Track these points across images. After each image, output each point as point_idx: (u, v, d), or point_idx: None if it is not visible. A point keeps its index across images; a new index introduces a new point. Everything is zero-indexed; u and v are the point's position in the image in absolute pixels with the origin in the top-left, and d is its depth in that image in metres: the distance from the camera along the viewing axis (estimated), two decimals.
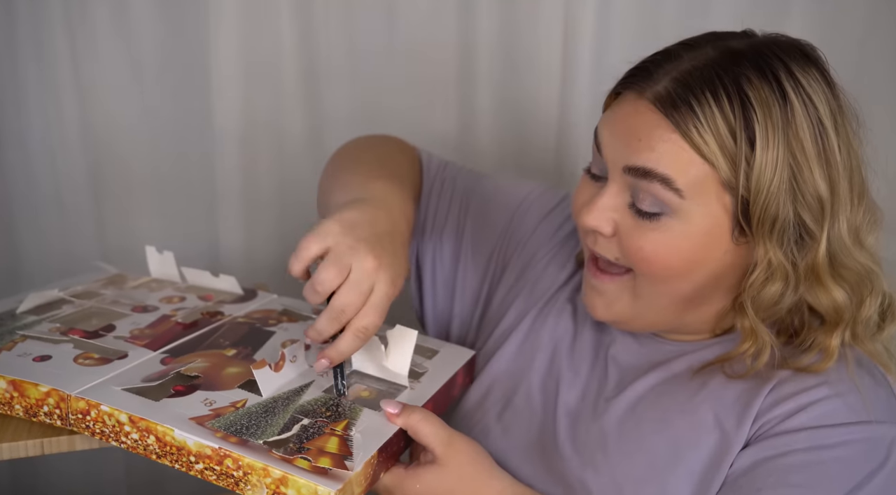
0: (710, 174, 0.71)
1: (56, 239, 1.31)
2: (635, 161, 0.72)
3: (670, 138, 0.71)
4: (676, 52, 0.75)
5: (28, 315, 0.88)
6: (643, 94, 0.73)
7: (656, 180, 0.71)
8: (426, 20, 1.29)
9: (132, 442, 0.69)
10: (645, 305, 0.78)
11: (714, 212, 0.72)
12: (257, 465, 0.64)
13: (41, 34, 1.21)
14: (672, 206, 0.72)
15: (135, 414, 0.68)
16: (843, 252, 0.73)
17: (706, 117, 0.70)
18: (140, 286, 1.00)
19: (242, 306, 0.95)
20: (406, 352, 0.79)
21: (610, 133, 0.75)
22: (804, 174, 0.70)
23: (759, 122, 0.69)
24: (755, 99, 0.70)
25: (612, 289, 0.79)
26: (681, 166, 0.71)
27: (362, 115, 1.32)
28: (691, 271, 0.74)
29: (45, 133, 1.25)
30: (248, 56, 1.25)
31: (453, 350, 0.91)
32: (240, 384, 0.75)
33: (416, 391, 0.79)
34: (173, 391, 0.73)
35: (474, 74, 1.32)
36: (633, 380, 0.81)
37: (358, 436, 0.69)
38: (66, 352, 0.78)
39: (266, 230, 1.34)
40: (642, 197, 0.73)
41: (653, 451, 0.76)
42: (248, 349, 0.83)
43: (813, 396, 0.73)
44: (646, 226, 0.73)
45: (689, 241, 0.73)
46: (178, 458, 0.67)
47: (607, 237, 0.77)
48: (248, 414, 0.70)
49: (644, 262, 0.75)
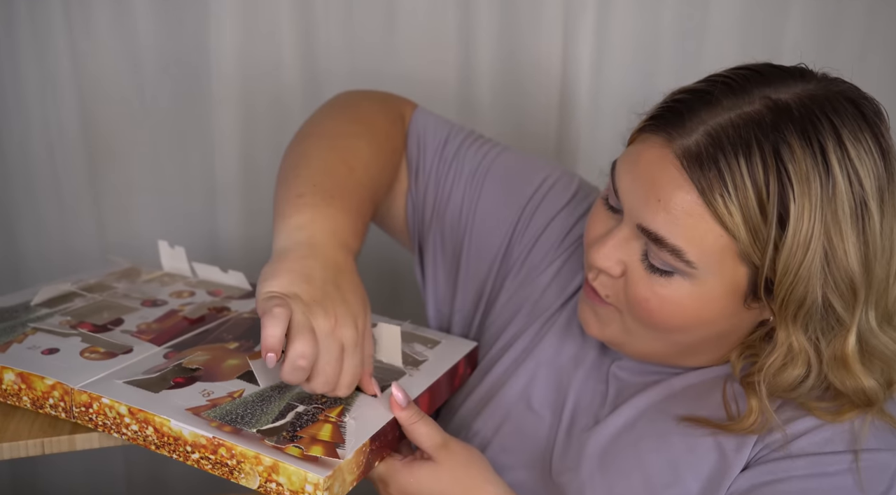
0: (729, 245, 0.66)
1: (56, 235, 1.33)
2: (650, 223, 0.69)
3: (691, 204, 0.66)
4: (717, 96, 0.67)
5: (41, 307, 0.90)
6: (671, 143, 0.67)
7: (666, 250, 0.68)
8: (426, 20, 1.30)
9: (132, 433, 0.70)
10: (637, 342, 0.77)
11: (729, 282, 0.68)
12: (249, 454, 0.65)
13: (41, 33, 1.23)
14: (684, 271, 0.69)
15: (134, 405, 0.69)
16: (872, 335, 0.68)
17: (735, 187, 0.64)
18: (153, 280, 1.02)
19: (250, 302, 0.96)
20: (395, 347, 0.80)
21: (630, 179, 0.71)
22: (838, 257, 0.65)
23: (796, 200, 0.63)
24: (794, 173, 0.63)
25: (604, 313, 0.78)
26: (697, 237, 0.66)
27: None
28: (693, 328, 0.72)
29: (45, 130, 1.28)
30: (248, 55, 1.27)
31: (455, 341, 0.91)
32: (239, 375, 0.76)
33: (414, 378, 0.80)
34: (173, 383, 0.74)
35: (474, 74, 1.32)
36: (631, 396, 0.80)
37: (352, 423, 0.70)
38: (74, 345, 0.80)
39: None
40: (654, 255, 0.70)
41: (650, 470, 0.75)
42: (251, 342, 0.84)
43: (813, 422, 0.71)
44: (655, 281, 0.70)
45: (697, 303, 0.70)
46: (176, 448, 0.68)
47: (614, 278, 0.75)
48: (244, 404, 0.71)
49: (645, 313, 0.72)
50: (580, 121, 1.33)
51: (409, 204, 0.95)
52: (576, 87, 1.31)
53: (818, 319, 0.67)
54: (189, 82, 1.28)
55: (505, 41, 1.31)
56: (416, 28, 1.29)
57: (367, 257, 1.38)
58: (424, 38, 1.30)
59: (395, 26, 1.30)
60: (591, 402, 0.83)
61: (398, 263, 1.40)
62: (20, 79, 1.24)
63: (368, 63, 1.31)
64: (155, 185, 1.34)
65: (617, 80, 1.32)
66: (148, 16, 1.24)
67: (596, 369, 0.85)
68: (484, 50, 1.31)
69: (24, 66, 1.24)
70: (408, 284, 1.40)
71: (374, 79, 1.30)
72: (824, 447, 0.70)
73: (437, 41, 1.30)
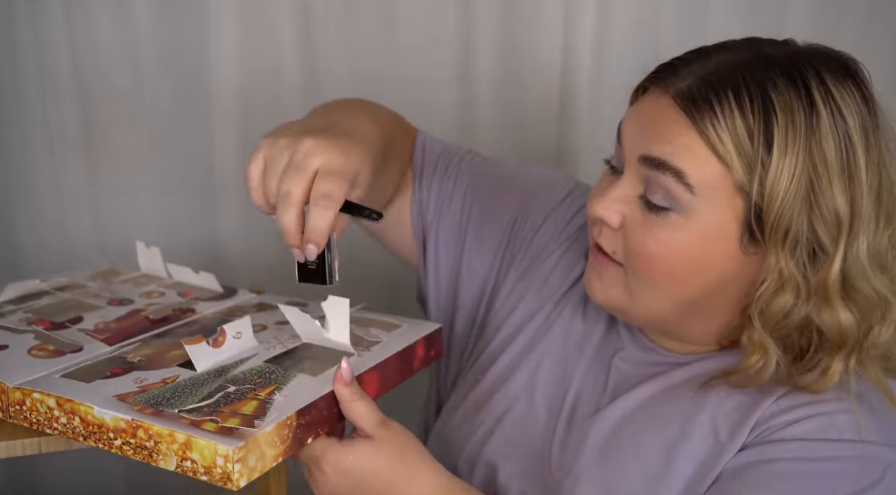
0: (724, 175, 0.69)
1: (56, 235, 1.34)
2: (651, 151, 0.71)
3: (687, 134, 0.69)
4: (708, 52, 0.73)
5: (8, 304, 0.90)
6: (667, 90, 0.72)
7: (669, 172, 0.70)
8: (426, 20, 1.30)
9: (62, 426, 0.68)
10: (641, 303, 0.76)
11: (723, 215, 0.70)
12: (165, 432, 0.62)
13: (41, 32, 1.24)
14: (682, 202, 0.70)
15: (61, 396, 0.68)
16: (858, 274, 0.70)
17: (725, 117, 0.68)
18: (128, 280, 1.01)
19: (217, 304, 0.94)
20: (343, 321, 0.76)
21: (632, 125, 0.75)
22: (822, 187, 0.67)
23: (780, 126, 0.67)
24: (778, 103, 0.67)
25: (608, 275, 0.77)
26: (695, 163, 0.69)
27: None
28: (692, 275, 0.73)
29: (45, 129, 1.29)
30: (248, 55, 1.27)
31: (418, 324, 0.87)
32: (179, 363, 0.74)
33: (362, 358, 0.76)
34: (109, 373, 0.72)
35: (475, 74, 1.32)
36: (630, 388, 0.80)
37: (280, 399, 0.67)
38: (25, 343, 0.79)
39: (265, 227, 1.34)
40: (654, 189, 0.71)
41: (647, 460, 0.75)
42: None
43: (812, 410, 0.71)
44: (653, 222, 0.72)
45: (694, 241, 0.71)
46: (100, 437, 0.66)
47: (613, 230, 0.75)
48: (175, 388, 0.69)
49: (645, 261, 0.73)
50: (581, 119, 1.32)
51: (414, 206, 0.97)
52: (576, 84, 1.31)
53: (805, 247, 0.69)
54: (189, 82, 1.29)
55: (505, 40, 1.31)
56: (417, 28, 1.29)
57: (368, 269, 1.37)
58: (424, 39, 1.30)
59: (396, 26, 1.30)
60: (593, 392, 0.83)
61: (398, 276, 1.39)
62: (20, 78, 1.26)
63: (368, 63, 1.31)
64: (154, 185, 1.34)
65: (617, 79, 1.32)
66: (148, 16, 1.26)
67: (599, 358, 0.85)
68: (484, 49, 1.31)
69: (24, 66, 1.25)
70: (408, 296, 1.38)
71: (374, 79, 1.31)
72: (817, 434, 0.70)
73: (438, 41, 1.30)
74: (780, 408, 0.72)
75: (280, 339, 0.80)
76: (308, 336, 0.79)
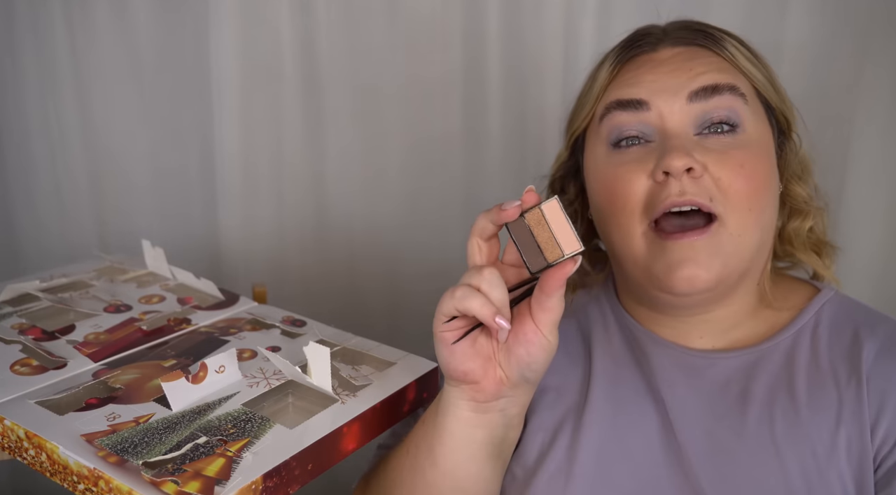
0: (748, 86, 0.77)
1: (56, 235, 1.34)
2: (700, 83, 0.74)
3: (712, 60, 0.76)
4: (649, 28, 0.83)
5: (5, 305, 0.89)
6: (657, 48, 0.78)
7: (726, 90, 0.74)
8: (427, 20, 1.27)
9: (31, 458, 0.67)
10: (742, 244, 0.74)
11: (763, 122, 0.77)
12: (123, 489, 0.60)
13: (41, 32, 1.23)
14: (742, 116, 0.74)
15: (30, 429, 0.66)
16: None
17: (725, 40, 0.77)
18: (131, 279, 1.00)
19: (214, 314, 0.91)
20: (324, 369, 0.73)
21: (648, 82, 0.76)
22: (777, 84, 0.81)
23: (749, 46, 0.80)
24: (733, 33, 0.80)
25: (703, 244, 0.72)
26: (733, 77, 0.76)
27: (363, 114, 1.29)
28: (771, 190, 0.76)
29: (45, 131, 1.29)
30: (249, 55, 1.25)
31: (412, 361, 0.83)
32: (156, 397, 0.72)
33: (346, 405, 0.73)
34: (84, 404, 0.70)
35: (476, 73, 1.29)
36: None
37: (248, 458, 0.64)
38: (10, 356, 0.78)
39: (265, 228, 1.33)
40: (715, 116, 0.74)
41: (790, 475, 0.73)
42: (190, 360, 0.79)
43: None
44: (731, 144, 0.74)
45: (762, 152, 0.76)
46: (66, 477, 0.64)
47: (698, 178, 0.72)
48: (145, 431, 0.66)
49: (746, 180, 0.73)
50: None
51: None
52: (577, 87, 1.26)
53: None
54: (189, 82, 1.26)
55: (506, 40, 1.28)
56: (417, 28, 1.26)
57: (371, 289, 1.35)
58: (425, 39, 1.27)
59: (396, 26, 1.27)
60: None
61: (399, 299, 1.37)
62: (20, 79, 1.25)
63: (369, 63, 1.28)
64: (155, 185, 1.33)
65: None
66: (148, 16, 1.24)
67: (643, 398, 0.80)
68: (486, 49, 1.28)
69: (24, 66, 1.25)
70: (408, 320, 1.36)
71: (374, 78, 1.29)
72: None
73: (438, 41, 1.28)
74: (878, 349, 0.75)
75: (265, 373, 0.77)
76: (292, 376, 0.76)
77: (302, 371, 0.74)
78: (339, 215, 1.33)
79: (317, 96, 1.26)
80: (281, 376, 0.76)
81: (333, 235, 1.35)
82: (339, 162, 1.33)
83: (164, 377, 0.70)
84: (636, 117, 0.75)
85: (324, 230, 1.35)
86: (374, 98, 1.28)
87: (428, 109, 1.30)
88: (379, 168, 1.34)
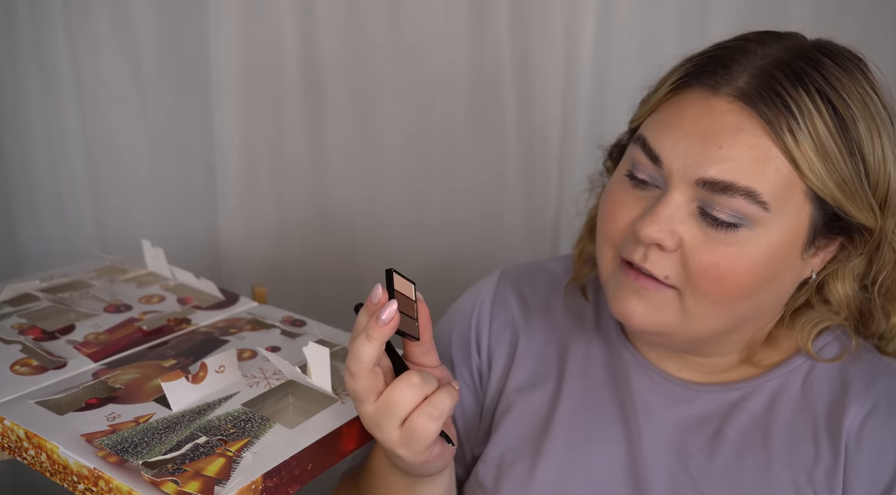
0: (796, 182, 0.64)
1: (56, 236, 1.33)
2: (715, 174, 0.64)
3: (756, 144, 0.63)
4: (742, 46, 0.68)
5: (5, 305, 0.89)
6: (717, 91, 0.65)
7: (739, 194, 0.64)
8: (428, 20, 1.27)
9: (31, 458, 0.67)
10: (696, 323, 0.69)
11: (793, 224, 0.66)
12: (123, 489, 0.60)
13: (41, 33, 1.23)
14: (753, 219, 0.65)
15: (30, 429, 0.66)
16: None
17: (802, 115, 0.63)
18: (131, 279, 0.99)
19: (214, 314, 0.91)
20: (324, 368, 0.73)
21: (675, 140, 0.66)
22: (863, 183, 0.67)
23: (859, 121, 0.64)
24: (849, 95, 0.65)
25: (657, 298, 0.69)
26: (768, 176, 0.64)
27: (363, 113, 1.29)
28: (759, 289, 0.68)
29: (45, 131, 1.28)
30: (249, 55, 1.25)
31: None
32: (156, 397, 0.72)
33: (346, 405, 0.73)
34: (84, 404, 0.70)
35: (477, 73, 1.29)
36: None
37: (248, 458, 0.64)
38: (10, 355, 0.78)
39: (265, 228, 1.33)
40: (719, 208, 0.65)
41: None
42: (190, 360, 0.79)
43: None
44: (720, 240, 0.65)
45: (766, 254, 0.66)
46: (66, 477, 0.64)
47: (668, 252, 0.67)
48: (145, 431, 0.67)
49: (714, 280, 0.66)
50: (584, 120, 1.30)
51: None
52: (579, 86, 1.29)
53: None
54: (189, 82, 1.27)
55: (506, 40, 1.28)
56: (417, 28, 1.26)
57: (371, 288, 1.35)
58: (425, 39, 1.27)
59: (397, 26, 1.27)
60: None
61: None
62: (20, 79, 1.25)
63: (369, 63, 1.28)
64: (155, 186, 1.33)
65: (619, 80, 1.30)
66: (148, 16, 1.24)
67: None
68: (487, 49, 1.28)
69: (25, 66, 1.24)
70: None
71: (374, 78, 1.28)
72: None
73: (438, 42, 1.27)
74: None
75: (265, 373, 0.77)
76: (292, 376, 0.76)
77: (302, 371, 0.74)
78: (339, 215, 1.34)
79: (317, 96, 1.27)
80: (281, 376, 0.76)
81: (334, 235, 1.35)
82: (339, 162, 1.33)
83: (164, 377, 0.70)
84: (651, 165, 0.68)
85: (324, 230, 1.35)
86: (374, 98, 1.28)
87: (429, 109, 1.30)
88: (379, 168, 1.34)
